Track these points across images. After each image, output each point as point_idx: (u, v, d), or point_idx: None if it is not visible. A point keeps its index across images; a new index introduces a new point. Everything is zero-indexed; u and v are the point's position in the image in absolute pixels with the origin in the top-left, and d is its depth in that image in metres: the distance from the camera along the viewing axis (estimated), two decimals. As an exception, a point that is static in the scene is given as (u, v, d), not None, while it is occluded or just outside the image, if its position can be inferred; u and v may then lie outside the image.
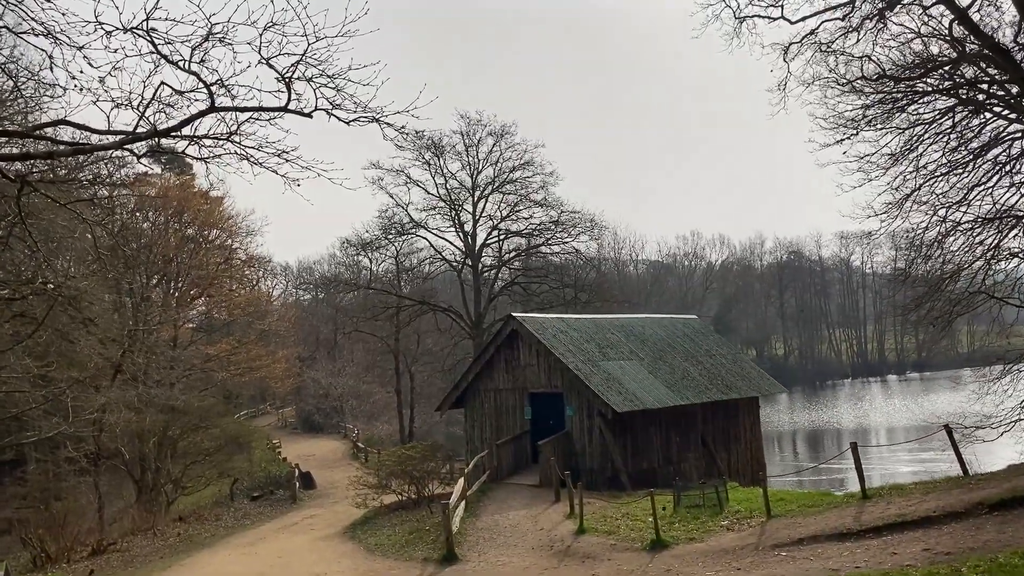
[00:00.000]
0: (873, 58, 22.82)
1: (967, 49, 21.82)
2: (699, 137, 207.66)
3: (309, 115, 7.82)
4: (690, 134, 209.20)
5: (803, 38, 24.82)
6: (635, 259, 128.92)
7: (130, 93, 8.27)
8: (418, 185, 48.96)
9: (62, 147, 7.32)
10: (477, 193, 48.96)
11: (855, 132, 26.46)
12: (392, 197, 49.42)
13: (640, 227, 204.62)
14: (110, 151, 7.88)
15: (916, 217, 27.66)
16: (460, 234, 49.43)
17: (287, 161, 9.31)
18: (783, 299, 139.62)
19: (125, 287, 39.62)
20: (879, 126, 26.86)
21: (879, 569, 12.38)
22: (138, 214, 46.21)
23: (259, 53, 7.52)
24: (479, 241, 49.45)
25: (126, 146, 7.85)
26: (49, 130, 8.38)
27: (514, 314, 28.67)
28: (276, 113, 8.06)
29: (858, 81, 25.02)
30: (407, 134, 8.35)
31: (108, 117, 8.32)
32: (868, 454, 16.95)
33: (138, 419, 32.58)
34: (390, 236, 50.00)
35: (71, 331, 26.02)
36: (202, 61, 7.15)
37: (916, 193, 27.14)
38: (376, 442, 49.16)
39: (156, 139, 7.82)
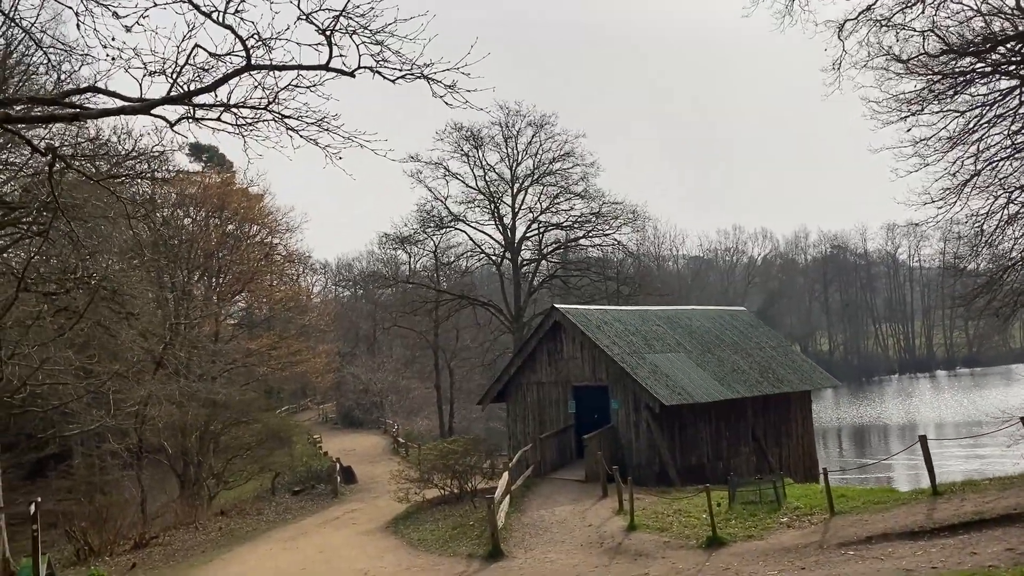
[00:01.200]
0: (937, 31, 21.69)
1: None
2: (740, 130, 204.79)
3: (352, 73, 7.26)
4: (731, 128, 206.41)
5: (859, 14, 23.81)
6: (675, 254, 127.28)
7: (164, 60, 7.78)
8: (456, 178, 48.53)
9: (88, 108, 6.83)
10: (516, 185, 48.31)
11: (919, 109, 25.34)
12: (430, 191, 49.07)
13: (681, 222, 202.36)
14: (138, 115, 7.38)
15: (976, 203, 26.45)
16: (499, 227, 48.84)
17: (327, 131, 8.75)
18: (827, 293, 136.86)
19: (167, 282, 39.80)
20: (936, 109, 25.76)
21: (959, 570, 11.53)
22: (179, 211, 46.54)
23: (298, 7, 6.96)
24: (518, 234, 48.78)
25: (158, 111, 7.36)
26: (78, 99, 7.91)
27: (557, 305, 28.01)
28: (316, 74, 7.52)
29: (919, 58, 23.94)
30: (458, 92, 7.73)
31: (140, 85, 7.84)
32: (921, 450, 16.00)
33: (180, 413, 32.61)
34: (428, 230, 49.63)
35: (112, 324, 26.00)
36: (237, 12, 6.62)
37: (976, 178, 25.98)
38: (416, 437, 48.83)
39: (190, 105, 7.32)
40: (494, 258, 49.79)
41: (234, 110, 8.23)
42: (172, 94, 6.86)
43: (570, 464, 26.19)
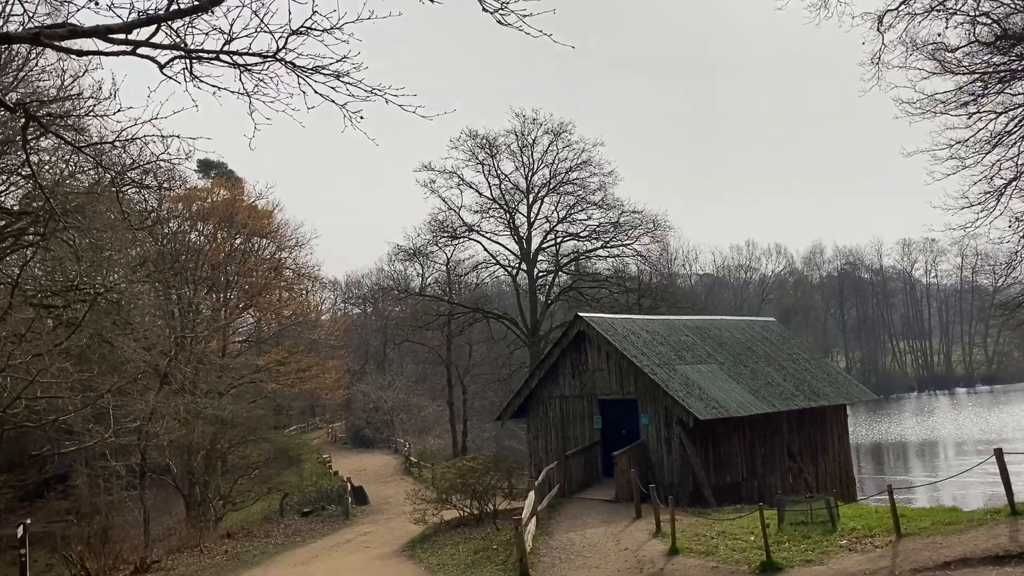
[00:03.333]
0: (992, 15, 20.36)
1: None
2: (755, 144, 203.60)
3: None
4: (746, 139, 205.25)
5: (899, 5, 22.58)
6: (689, 271, 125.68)
7: None
8: (471, 187, 47.32)
9: (50, 30, 5.56)
10: (532, 195, 47.06)
11: (958, 107, 24.10)
12: (444, 200, 47.83)
13: (693, 237, 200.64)
14: (122, 57, 6.07)
15: (1019, 205, 25.00)
16: (515, 238, 47.49)
17: (347, 83, 7.41)
18: (843, 310, 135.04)
19: (173, 296, 38.65)
20: (974, 110, 24.48)
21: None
22: (186, 224, 45.55)
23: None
24: (534, 245, 47.46)
25: (145, 51, 6.06)
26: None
27: (581, 314, 26.58)
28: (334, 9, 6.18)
29: (963, 50, 22.65)
30: (511, 10, 6.43)
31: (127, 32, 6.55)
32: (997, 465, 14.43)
33: (186, 431, 31.32)
34: (442, 240, 48.31)
35: (113, 336, 24.76)
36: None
37: (1016, 181, 24.63)
38: (429, 456, 47.39)
39: (181, 41, 6.03)
40: (510, 269, 48.40)
41: (237, 57, 6.93)
42: (155, 12, 5.57)
43: (597, 483, 24.69)
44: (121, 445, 29.58)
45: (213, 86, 7.85)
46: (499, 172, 46.80)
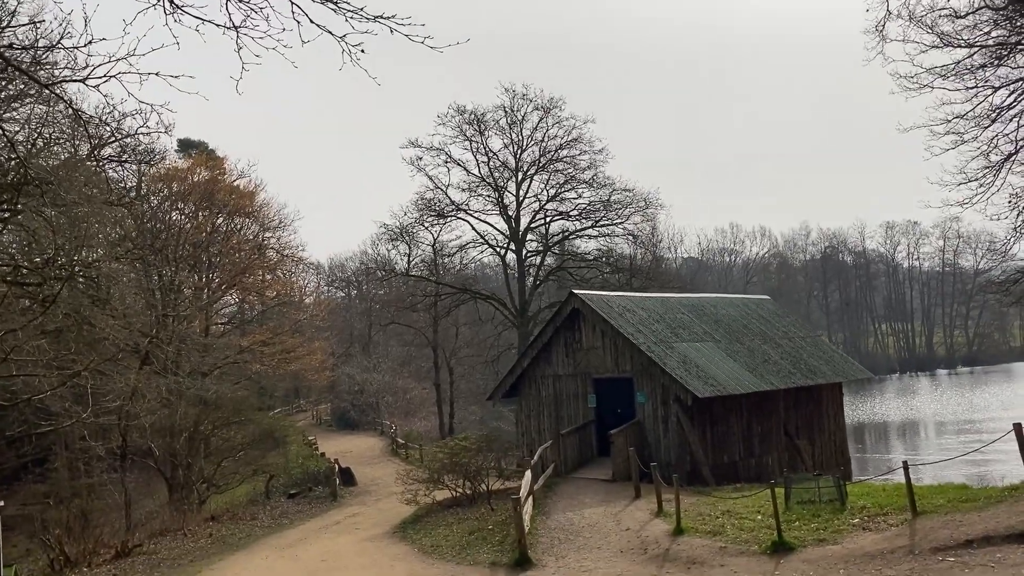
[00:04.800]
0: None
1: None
2: (740, 125, 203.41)
3: None
4: (732, 123, 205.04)
5: (905, -33, 22.01)
6: (674, 254, 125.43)
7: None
8: (459, 164, 46.35)
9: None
10: (521, 173, 46.20)
11: (959, 79, 23.71)
12: (431, 179, 46.87)
13: (679, 220, 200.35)
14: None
15: (1018, 181, 24.62)
16: (504, 216, 46.68)
17: (346, 12, 6.67)
18: (827, 292, 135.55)
19: (154, 276, 37.68)
20: (972, 84, 24.06)
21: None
22: (166, 204, 44.46)
23: None
24: (523, 224, 46.68)
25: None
26: None
27: (576, 291, 25.95)
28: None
29: (970, 17, 22.07)
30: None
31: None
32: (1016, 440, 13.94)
33: (168, 412, 30.52)
34: (429, 219, 47.39)
35: (91, 314, 23.89)
36: None
37: (1016, 155, 24.24)
38: (415, 438, 46.81)
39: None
40: (498, 249, 47.62)
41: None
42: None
43: (592, 462, 24.16)
44: (101, 426, 28.80)
45: (196, 17, 7.11)
46: (487, 149, 45.95)
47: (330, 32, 6.87)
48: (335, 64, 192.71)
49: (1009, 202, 25.07)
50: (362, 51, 6.95)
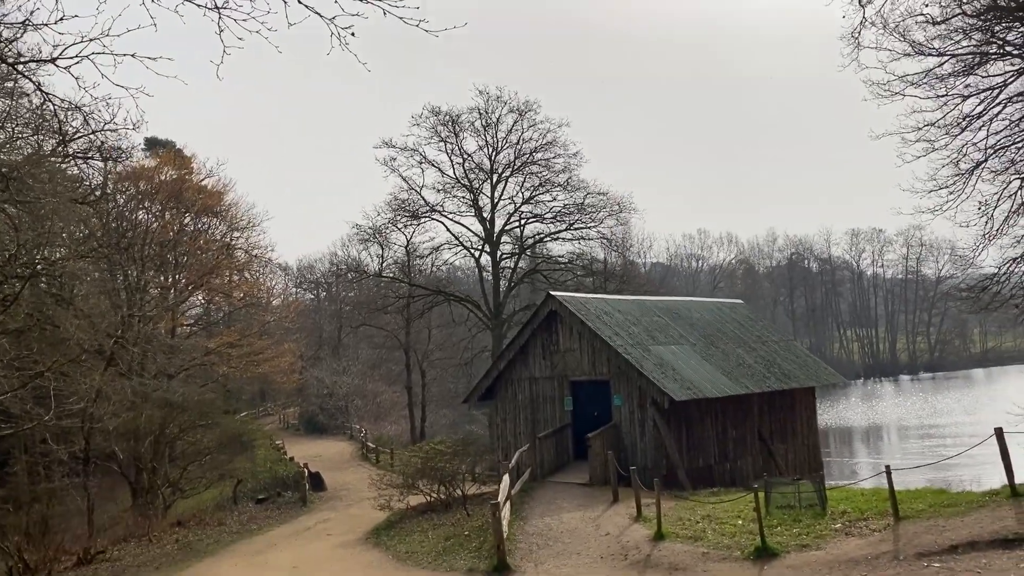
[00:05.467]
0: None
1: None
2: (709, 133, 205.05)
3: None
4: (698, 130, 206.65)
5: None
6: (643, 259, 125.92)
7: None
8: (433, 165, 45.93)
9: None
10: (496, 175, 45.91)
11: (929, 88, 23.90)
12: (405, 180, 46.38)
13: (648, 226, 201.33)
14: None
15: (988, 188, 24.87)
16: (479, 218, 46.34)
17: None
18: (793, 298, 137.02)
19: (119, 276, 36.83)
20: (943, 92, 24.26)
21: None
22: (133, 202, 43.55)
23: None
24: (498, 227, 46.39)
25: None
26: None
27: (553, 292, 25.73)
28: None
29: (943, 25, 22.22)
30: None
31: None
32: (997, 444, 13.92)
33: (133, 415, 29.76)
34: (402, 221, 46.89)
35: (54, 313, 23.21)
36: None
37: (985, 163, 24.48)
38: (386, 442, 46.23)
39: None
40: (473, 251, 47.24)
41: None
42: None
43: (568, 466, 23.92)
44: (63, 429, 27.98)
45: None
46: (462, 151, 45.58)
47: (318, 13, 6.56)
48: (309, 62, 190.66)
49: (978, 209, 25.32)
50: (352, 34, 6.65)
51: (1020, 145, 23.99)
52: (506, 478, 18.48)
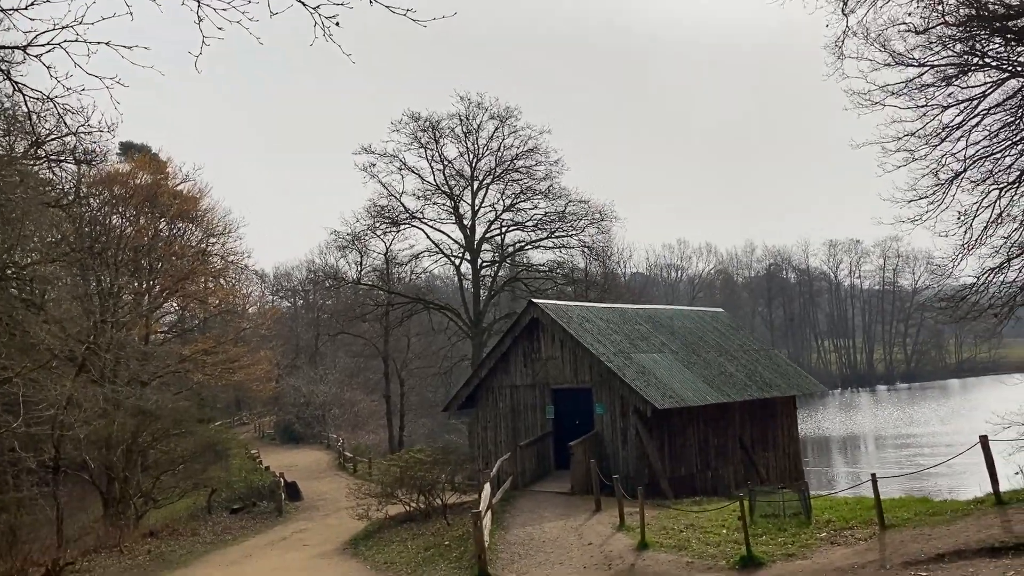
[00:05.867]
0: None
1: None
2: (689, 145, 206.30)
3: None
4: (680, 142, 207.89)
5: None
6: (623, 269, 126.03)
7: None
8: (413, 172, 45.62)
9: None
10: (477, 182, 45.69)
11: (910, 98, 23.98)
12: (384, 186, 45.98)
13: (628, 235, 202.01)
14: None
15: (967, 198, 24.99)
16: (459, 226, 46.03)
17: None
18: (771, 309, 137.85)
19: (92, 280, 36.16)
20: (922, 102, 24.38)
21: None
22: (107, 207, 42.88)
23: None
24: (478, 234, 46.11)
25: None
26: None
27: (535, 300, 25.52)
28: None
29: (931, 31, 22.32)
30: None
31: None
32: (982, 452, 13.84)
33: (105, 423, 29.13)
34: (381, 228, 46.43)
35: (24, 318, 22.65)
36: None
37: (964, 174, 24.61)
38: (364, 451, 45.69)
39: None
40: (453, 259, 46.86)
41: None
42: None
43: (550, 475, 23.67)
44: (32, 437, 27.30)
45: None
46: (443, 157, 45.31)
47: (302, 2, 6.31)
48: (286, 64, 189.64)
49: (958, 219, 25.43)
50: (336, 23, 6.41)
51: (999, 155, 24.15)
52: (487, 487, 18.19)
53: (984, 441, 13.64)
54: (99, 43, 6.84)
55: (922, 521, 13.62)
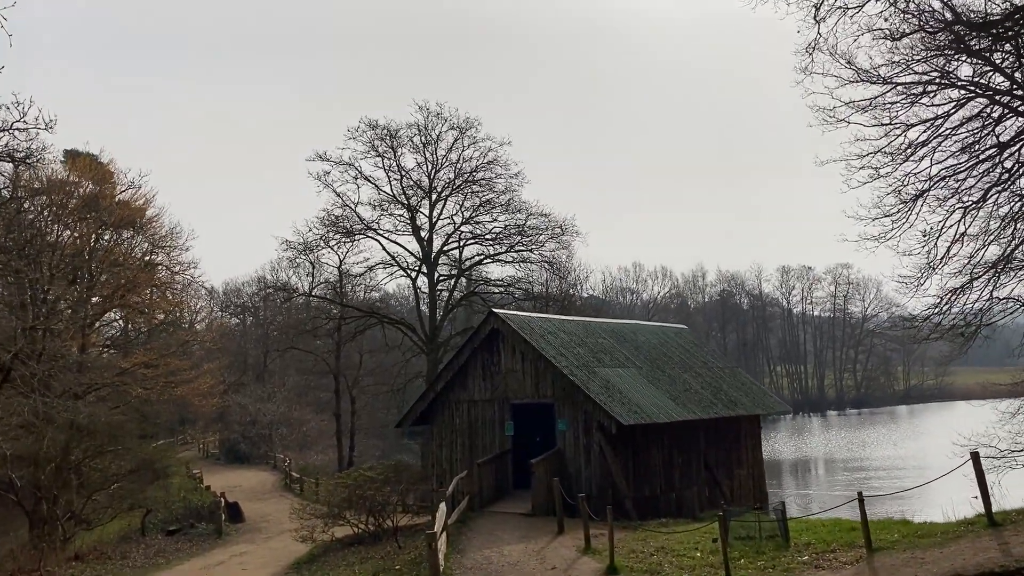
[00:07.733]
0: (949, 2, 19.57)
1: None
2: (645, 164, 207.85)
3: None
4: (637, 161, 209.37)
5: (839, -8, 21.74)
6: (580, 291, 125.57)
7: None
8: (369, 181, 44.14)
9: None
10: (435, 194, 44.47)
11: (885, 109, 23.63)
12: (339, 196, 44.46)
13: (584, 257, 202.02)
14: None
15: (931, 217, 24.66)
16: (416, 238, 44.67)
17: None
18: (724, 333, 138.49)
19: (25, 287, 34.10)
20: (886, 120, 24.07)
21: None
22: (45, 212, 40.79)
23: None
24: (436, 247, 44.83)
25: None
26: None
27: (496, 310, 24.40)
28: None
29: (905, 40, 21.91)
30: None
31: None
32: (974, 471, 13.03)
33: (33, 439, 27.17)
34: (335, 239, 44.82)
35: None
36: None
37: (928, 192, 24.31)
38: (311, 472, 43.87)
39: None
40: (410, 272, 45.36)
41: None
42: None
43: (509, 495, 22.45)
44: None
45: None
46: (400, 167, 43.98)
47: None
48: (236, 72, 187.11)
49: (922, 237, 25.06)
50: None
51: (963, 175, 23.86)
52: (442, 507, 16.91)
53: (975, 458, 12.86)
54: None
55: (912, 544, 12.74)
